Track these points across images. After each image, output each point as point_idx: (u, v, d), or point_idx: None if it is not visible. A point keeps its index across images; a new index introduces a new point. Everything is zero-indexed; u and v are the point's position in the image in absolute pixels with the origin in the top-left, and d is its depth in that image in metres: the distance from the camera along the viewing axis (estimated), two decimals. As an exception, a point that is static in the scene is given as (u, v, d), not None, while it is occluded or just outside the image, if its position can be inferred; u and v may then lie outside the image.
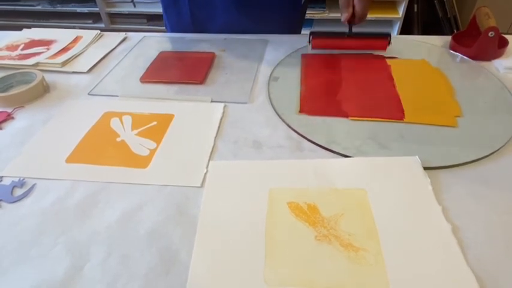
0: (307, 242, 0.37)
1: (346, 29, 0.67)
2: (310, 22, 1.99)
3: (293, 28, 0.87)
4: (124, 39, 0.79)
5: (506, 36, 0.68)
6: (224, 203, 0.41)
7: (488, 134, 0.50)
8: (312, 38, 0.70)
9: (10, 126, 0.55)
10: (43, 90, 0.63)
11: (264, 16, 0.76)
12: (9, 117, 0.57)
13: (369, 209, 0.39)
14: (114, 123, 0.55)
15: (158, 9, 1.95)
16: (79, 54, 0.74)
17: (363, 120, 0.53)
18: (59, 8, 2.17)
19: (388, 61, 0.67)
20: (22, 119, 0.56)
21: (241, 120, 0.54)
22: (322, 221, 0.38)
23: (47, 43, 0.77)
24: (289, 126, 0.52)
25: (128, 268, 0.35)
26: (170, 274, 0.35)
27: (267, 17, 0.78)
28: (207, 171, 0.45)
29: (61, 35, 0.80)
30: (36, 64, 0.70)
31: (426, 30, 2.02)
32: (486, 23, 0.65)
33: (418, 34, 1.93)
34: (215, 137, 0.51)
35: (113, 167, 0.47)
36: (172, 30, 0.86)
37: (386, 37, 0.68)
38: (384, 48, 0.69)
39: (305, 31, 2.01)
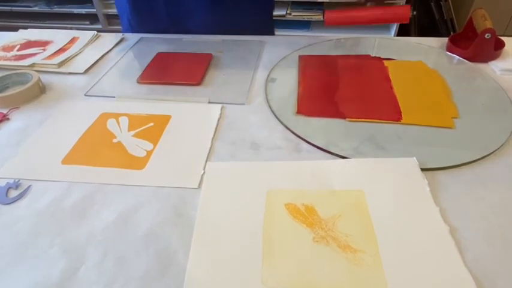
0: (305, 244, 0.36)
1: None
2: (308, 24, 1.99)
3: (266, 28, 0.88)
4: (121, 40, 0.79)
5: (502, 38, 0.68)
6: (221, 204, 0.41)
7: (485, 135, 0.50)
8: (326, 13, 0.62)
9: (5, 127, 0.55)
10: (39, 91, 0.62)
11: (236, 13, 0.76)
12: (4, 118, 0.56)
13: (366, 211, 0.39)
14: (111, 124, 0.54)
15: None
16: (75, 55, 0.73)
17: (361, 121, 0.53)
18: (56, 9, 2.16)
19: (386, 62, 0.67)
20: (18, 120, 0.56)
21: (238, 122, 0.54)
22: (319, 223, 0.38)
23: (43, 44, 0.77)
24: (287, 128, 0.52)
25: (124, 270, 0.35)
26: (167, 276, 0.35)
27: (240, 15, 0.80)
28: (204, 172, 0.45)
29: (57, 36, 0.80)
30: (32, 65, 0.69)
31: (423, 33, 2.02)
32: (483, 24, 0.65)
33: (415, 36, 1.93)
34: (212, 138, 0.51)
35: (109, 168, 0.47)
36: (139, 29, 0.84)
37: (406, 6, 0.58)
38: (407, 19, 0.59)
39: (302, 33, 2.00)
